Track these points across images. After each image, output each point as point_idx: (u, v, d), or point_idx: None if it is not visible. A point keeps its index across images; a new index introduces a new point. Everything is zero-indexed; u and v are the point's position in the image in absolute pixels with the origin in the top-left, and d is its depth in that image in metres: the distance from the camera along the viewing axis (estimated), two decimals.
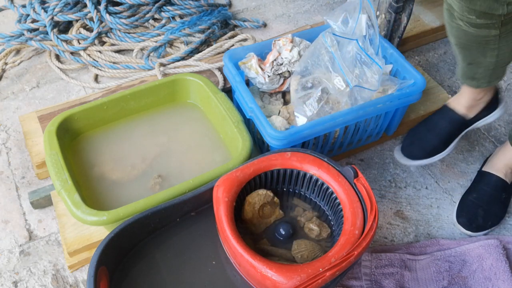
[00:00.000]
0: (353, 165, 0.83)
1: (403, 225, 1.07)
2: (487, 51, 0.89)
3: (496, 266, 0.95)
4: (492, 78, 0.99)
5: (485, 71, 0.96)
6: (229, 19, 1.54)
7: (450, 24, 0.89)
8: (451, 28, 0.91)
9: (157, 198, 0.86)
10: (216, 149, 1.05)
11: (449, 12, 0.87)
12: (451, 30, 0.92)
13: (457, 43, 0.92)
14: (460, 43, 0.92)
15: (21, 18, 1.46)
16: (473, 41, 0.88)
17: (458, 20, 0.84)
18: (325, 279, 0.71)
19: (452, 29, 0.91)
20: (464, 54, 0.94)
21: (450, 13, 0.87)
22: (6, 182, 1.12)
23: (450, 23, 0.89)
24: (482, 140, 1.26)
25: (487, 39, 0.86)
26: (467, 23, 0.83)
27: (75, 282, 0.96)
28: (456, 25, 0.87)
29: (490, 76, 0.98)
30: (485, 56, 0.91)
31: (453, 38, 0.93)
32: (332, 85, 1.02)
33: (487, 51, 0.89)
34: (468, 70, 0.99)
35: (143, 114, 1.11)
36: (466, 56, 0.95)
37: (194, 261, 0.82)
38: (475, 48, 0.90)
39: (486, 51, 0.89)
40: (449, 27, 0.92)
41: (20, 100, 1.32)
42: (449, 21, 0.89)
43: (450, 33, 0.93)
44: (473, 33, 0.85)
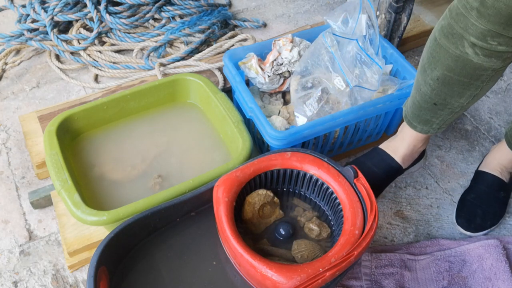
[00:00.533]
0: (353, 165, 0.83)
1: (403, 225, 1.07)
2: (470, 89, 0.77)
3: (496, 266, 0.95)
4: (445, 124, 0.88)
5: (448, 114, 0.84)
6: (229, 19, 1.54)
7: (447, 51, 0.73)
8: (445, 57, 0.75)
9: (157, 198, 0.86)
10: (216, 149, 1.05)
11: (455, 37, 0.71)
12: (444, 59, 0.75)
13: (442, 77, 0.77)
14: (446, 77, 0.76)
15: (21, 18, 1.46)
16: (466, 75, 0.74)
17: (467, 48, 0.70)
18: (325, 279, 0.71)
19: (445, 59, 0.75)
20: (439, 91, 0.80)
21: (455, 39, 0.71)
22: (6, 182, 1.12)
23: (447, 50, 0.74)
24: (482, 140, 1.26)
25: (484, 74, 0.73)
26: (480, 51, 0.69)
27: (75, 282, 0.96)
28: (457, 54, 0.72)
29: (446, 122, 0.87)
30: (462, 96, 0.79)
31: (441, 69, 0.76)
32: (332, 85, 1.02)
33: (469, 90, 0.77)
34: (427, 112, 0.86)
35: (143, 114, 1.11)
36: (439, 94, 0.80)
37: (194, 261, 0.82)
38: (459, 85, 0.76)
39: (468, 90, 0.77)
40: (442, 56, 0.75)
41: (20, 100, 1.32)
42: (447, 48, 0.73)
43: (438, 63, 0.76)
44: (477, 64, 0.71)
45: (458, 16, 0.68)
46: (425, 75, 0.80)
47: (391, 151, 1.01)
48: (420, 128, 0.91)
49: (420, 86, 0.83)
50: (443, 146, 1.24)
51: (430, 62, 0.78)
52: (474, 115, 1.32)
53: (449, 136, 1.26)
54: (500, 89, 1.40)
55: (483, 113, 1.33)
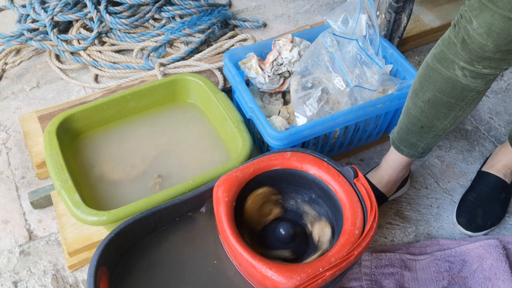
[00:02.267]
0: (353, 165, 0.83)
1: (403, 225, 1.07)
2: (455, 110, 0.84)
3: (496, 266, 0.95)
4: (428, 149, 0.95)
5: (432, 137, 0.91)
6: (229, 19, 1.54)
7: (440, 74, 0.81)
8: (438, 79, 0.82)
9: (157, 198, 0.86)
10: (216, 149, 1.05)
11: (447, 61, 0.79)
12: (436, 81, 0.82)
13: (433, 98, 0.84)
14: (437, 98, 0.84)
15: (21, 18, 1.46)
16: (454, 96, 0.82)
17: (457, 70, 0.78)
18: (325, 279, 0.71)
19: (437, 81, 0.82)
20: (427, 113, 0.87)
21: (447, 63, 0.79)
22: (6, 182, 1.12)
23: (439, 73, 0.81)
24: (482, 140, 1.26)
25: (469, 94, 0.81)
26: (468, 73, 0.78)
27: (75, 282, 0.96)
28: (449, 75, 0.80)
29: (430, 146, 0.94)
30: (446, 118, 0.86)
31: (432, 91, 0.84)
32: (332, 85, 1.02)
33: (453, 111, 0.84)
34: (414, 136, 0.93)
35: (143, 114, 1.11)
36: (427, 116, 0.87)
37: (194, 261, 0.82)
38: (446, 106, 0.84)
39: (452, 111, 0.85)
40: (434, 78, 0.82)
41: (20, 100, 1.32)
42: (440, 71, 0.81)
43: (430, 85, 0.84)
44: (465, 85, 0.79)
45: (450, 45, 0.78)
46: (416, 98, 0.88)
47: (376, 180, 1.06)
48: (407, 152, 0.97)
49: (409, 111, 0.90)
50: (443, 146, 1.24)
51: (422, 85, 0.86)
52: (474, 115, 1.32)
53: (449, 136, 1.26)
54: (500, 89, 1.40)
55: (483, 113, 1.33)
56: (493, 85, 1.40)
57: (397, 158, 1.00)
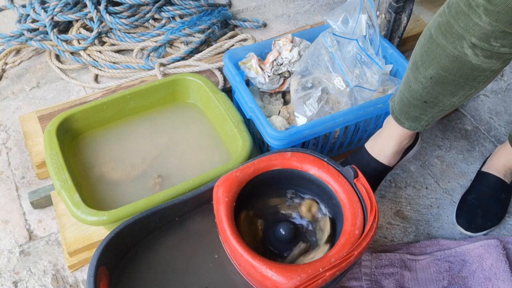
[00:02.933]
0: (353, 165, 0.83)
1: (403, 225, 1.07)
2: (465, 89, 0.74)
3: (496, 266, 0.95)
4: (434, 121, 0.85)
5: (438, 112, 0.81)
6: (229, 19, 1.54)
7: (444, 51, 0.69)
8: (442, 57, 0.71)
9: (157, 198, 0.86)
10: (216, 149, 1.05)
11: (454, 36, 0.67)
12: (440, 58, 0.71)
13: (436, 76, 0.73)
14: (441, 77, 0.73)
15: (21, 18, 1.46)
16: (462, 76, 0.71)
17: (467, 48, 0.66)
18: (325, 279, 0.71)
19: (441, 58, 0.71)
20: (431, 90, 0.76)
21: (454, 39, 0.67)
22: (6, 182, 1.12)
23: (444, 50, 0.70)
24: (482, 140, 1.26)
25: (482, 74, 0.70)
26: (481, 52, 0.65)
27: (75, 282, 0.96)
28: (455, 54, 0.68)
29: (435, 118, 0.83)
30: (455, 96, 0.75)
31: (436, 69, 0.72)
32: (332, 85, 1.02)
33: (463, 90, 0.74)
34: (416, 110, 0.82)
35: (143, 114, 1.11)
36: (430, 92, 0.77)
37: (194, 261, 0.82)
38: (454, 85, 0.73)
39: (462, 90, 0.74)
40: (438, 55, 0.71)
41: (20, 100, 1.32)
42: (445, 47, 0.69)
43: (433, 62, 0.72)
44: (476, 65, 0.67)
45: (459, 15, 0.64)
46: (417, 73, 0.76)
47: (377, 152, 0.98)
48: (408, 125, 0.88)
49: (410, 84, 0.80)
50: (443, 146, 1.24)
51: (424, 60, 0.74)
52: (474, 115, 1.32)
53: (449, 136, 1.26)
54: (500, 89, 1.40)
55: (483, 113, 1.33)
56: (493, 85, 1.40)
57: (398, 130, 0.91)
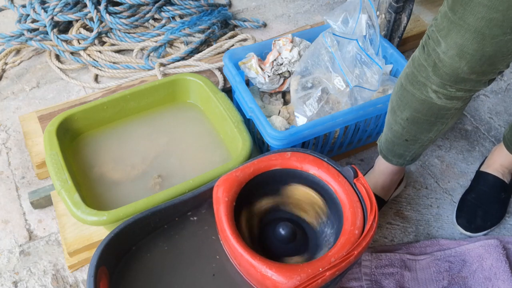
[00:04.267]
0: (353, 165, 0.83)
1: (403, 225, 1.07)
2: (437, 125, 0.82)
3: (496, 266, 0.95)
4: (417, 156, 0.94)
5: (418, 148, 0.89)
6: (229, 19, 1.54)
7: (414, 96, 0.78)
8: (412, 101, 0.79)
9: (157, 198, 0.86)
10: (216, 149, 1.05)
11: (419, 84, 0.75)
12: (411, 102, 0.79)
13: (411, 117, 0.81)
14: (415, 117, 0.81)
15: (21, 18, 1.46)
16: (432, 115, 0.79)
17: (431, 93, 0.74)
18: (325, 279, 0.71)
19: (412, 102, 0.79)
20: (409, 129, 0.84)
21: (419, 86, 0.75)
22: (6, 182, 1.12)
23: (413, 95, 0.78)
24: (482, 140, 1.26)
25: (448, 112, 0.78)
26: (442, 95, 0.74)
27: (75, 282, 0.96)
28: (422, 98, 0.76)
29: (418, 153, 0.92)
30: (430, 131, 0.83)
31: (409, 111, 0.81)
32: (332, 85, 1.02)
33: (435, 126, 0.82)
34: (400, 147, 0.91)
35: (143, 114, 1.11)
36: (409, 131, 0.85)
37: (194, 261, 0.82)
38: (427, 123, 0.81)
39: (435, 126, 0.82)
40: (409, 100, 0.79)
41: (20, 100, 1.32)
42: (413, 93, 0.77)
43: (406, 106, 0.81)
44: (441, 105, 0.76)
45: (420, 67, 0.73)
46: (395, 116, 0.85)
47: (372, 186, 1.04)
48: (396, 161, 0.96)
49: (391, 125, 0.88)
50: (443, 146, 1.24)
51: (399, 105, 0.83)
52: (474, 115, 1.32)
53: (449, 136, 1.26)
54: (500, 89, 1.40)
55: (483, 113, 1.33)
56: (493, 85, 1.40)
57: (388, 165, 1.00)
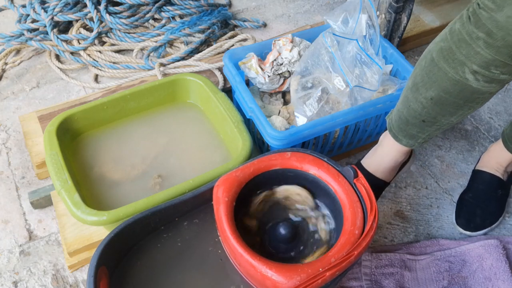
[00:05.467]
0: (353, 165, 0.83)
1: (403, 225, 1.07)
2: (463, 109, 0.76)
3: (496, 266, 0.95)
4: (430, 138, 0.87)
5: (435, 130, 0.83)
6: (229, 19, 1.54)
7: (446, 74, 0.71)
8: (443, 80, 0.72)
9: (157, 198, 0.86)
10: (216, 149, 1.05)
11: (455, 62, 0.69)
12: (441, 81, 0.72)
13: (437, 97, 0.75)
14: (441, 98, 0.74)
15: (21, 18, 1.46)
16: (462, 98, 0.72)
17: (468, 74, 0.67)
18: (325, 279, 0.71)
19: (443, 81, 0.72)
20: (430, 110, 0.78)
21: (456, 64, 0.69)
22: (6, 182, 1.12)
23: (445, 73, 0.71)
24: (482, 140, 1.26)
25: (481, 96, 0.72)
26: (481, 77, 0.67)
27: (75, 282, 0.96)
28: (456, 78, 0.70)
29: (431, 136, 0.86)
30: (453, 115, 0.77)
31: (435, 91, 0.74)
32: (332, 85, 1.02)
33: (461, 110, 0.76)
34: (414, 128, 0.84)
35: (143, 114, 1.11)
36: (429, 112, 0.78)
37: (194, 261, 0.82)
38: (453, 106, 0.75)
39: (460, 110, 0.76)
40: (439, 78, 0.73)
41: (20, 100, 1.32)
42: (446, 71, 0.71)
43: (434, 84, 0.74)
44: (476, 89, 0.69)
45: (460, 42, 0.66)
46: (418, 93, 0.78)
47: (374, 168, 0.99)
48: (406, 142, 0.90)
49: (409, 103, 0.82)
50: (443, 146, 1.24)
51: (425, 82, 0.76)
52: (474, 115, 1.32)
53: (449, 136, 1.26)
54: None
55: (483, 113, 1.33)
56: None
57: (395, 146, 0.93)
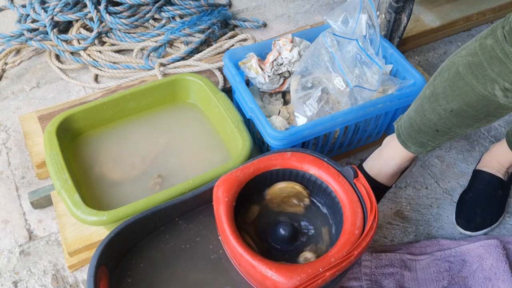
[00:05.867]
0: (353, 165, 0.83)
1: (403, 225, 1.07)
2: (482, 122, 0.74)
3: (496, 266, 0.95)
4: (439, 146, 0.86)
5: (446, 140, 0.82)
6: (229, 19, 1.54)
7: (473, 89, 0.68)
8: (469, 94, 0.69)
9: (157, 198, 0.86)
10: (216, 149, 1.05)
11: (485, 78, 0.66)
12: (466, 95, 0.70)
13: (458, 110, 0.72)
14: (462, 111, 0.72)
15: (21, 18, 1.46)
16: (484, 112, 0.70)
17: (497, 90, 0.65)
18: (325, 279, 0.71)
19: (468, 96, 0.69)
20: (447, 121, 0.76)
21: (485, 80, 0.66)
22: (6, 182, 1.12)
23: (473, 88, 0.68)
24: (482, 140, 1.26)
25: (504, 112, 0.70)
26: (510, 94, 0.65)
27: (75, 282, 0.96)
28: (484, 94, 0.67)
29: (441, 144, 0.84)
30: (469, 127, 0.75)
31: (458, 104, 0.71)
32: (332, 85, 1.02)
33: (479, 123, 0.74)
34: (425, 136, 0.83)
35: (143, 114, 1.11)
36: (446, 123, 0.76)
37: (194, 261, 0.82)
38: (472, 119, 0.73)
39: (478, 123, 0.74)
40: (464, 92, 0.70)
41: (20, 100, 1.32)
42: (474, 86, 0.68)
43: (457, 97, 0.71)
44: (503, 105, 0.67)
45: (493, 60, 0.64)
46: (436, 104, 0.76)
47: (376, 172, 0.98)
48: (414, 149, 0.89)
49: (425, 112, 0.79)
50: (443, 146, 1.24)
51: (447, 94, 0.73)
52: None
53: None
54: None
55: None
56: None
57: (401, 152, 0.92)
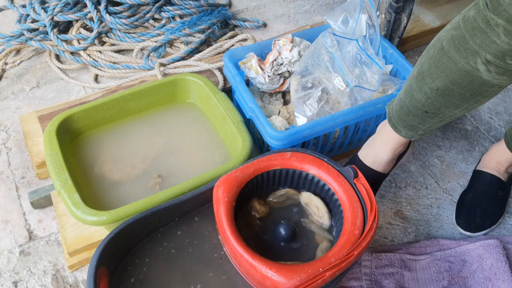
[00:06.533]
0: (353, 165, 0.83)
1: (403, 225, 1.07)
2: (469, 102, 0.73)
3: (496, 266, 0.95)
4: (431, 131, 0.85)
5: (436, 122, 0.81)
6: (229, 19, 1.54)
7: (456, 64, 0.68)
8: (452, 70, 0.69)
9: (157, 198, 0.86)
10: (216, 149, 1.05)
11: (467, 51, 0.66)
12: (450, 71, 0.70)
13: (443, 88, 0.72)
14: (448, 89, 0.72)
15: (21, 18, 1.46)
16: (469, 90, 0.70)
17: (480, 64, 0.65)
18: (325, 279, 0.71)
19: (451, 72, 0.69)
20: (435, 101, 0.75)
21: (468, 53, 0.66)
22: (6, 182, 1.12)
23: (455, 63, 0.68)
24: (482, 140, 1.26)
25: (490, 90, 0.69)
26: (494, 68, 0.64)
27: (75, 282, 0.96)
28: (467, 69, 0.67)
29: (432, 128, 0.83)
30: (458, 108, 0.74)
31: (442, 81, 0.71)
32: (332, 85, 1.02)
33: (467, 103, 0.73)
34: (415, 119, 0.82)
35: (143, 114, 1.11)
36: (433, 103, 0.76)
37: (194, 261, 0.82)
38: (459, 98, 0.72)
39: (466, 103, 0.73)
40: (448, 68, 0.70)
41: (20, 100, 1.32)
42: (457, 61, 0.68)
43: (442, 74, 0.71)
44: (487, 80, 0.67)
45: (475, 31, 0.63)
46: (423, 83, 0.76)
47: (371, 160, 0.97)
48: (405, 133, 0.88)
49: (413, 93, 0.79)
50: (443, 146, 1.24)
51: (432, 71, 0.73)
52: (474, 115, 1.32)
53: (449, 136, 1.26)
54: None
55: (483, 113, 1.33)
56: None
57: (393, 137, 0.91)
